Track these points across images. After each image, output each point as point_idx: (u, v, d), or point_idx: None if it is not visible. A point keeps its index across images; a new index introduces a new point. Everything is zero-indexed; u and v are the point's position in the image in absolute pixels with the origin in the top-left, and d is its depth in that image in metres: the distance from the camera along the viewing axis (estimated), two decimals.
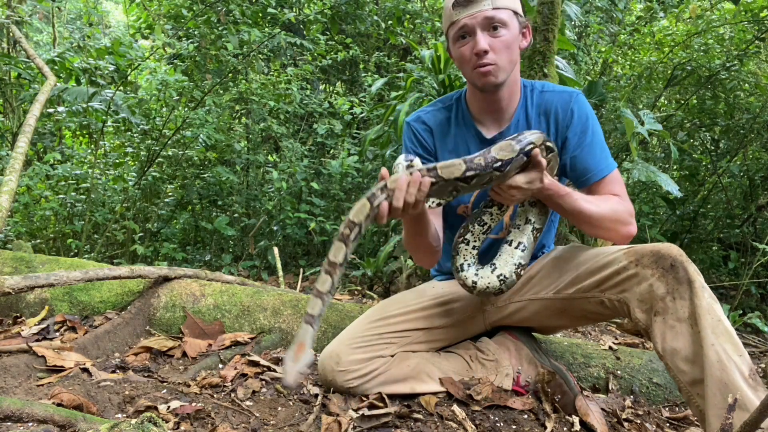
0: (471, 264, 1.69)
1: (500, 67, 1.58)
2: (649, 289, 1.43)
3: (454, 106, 1.82)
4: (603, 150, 1.67)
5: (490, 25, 1.55)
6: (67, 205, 4.29)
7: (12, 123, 4.68)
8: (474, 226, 1.69)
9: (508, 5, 1.58)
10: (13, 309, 2.20)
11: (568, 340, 2.16)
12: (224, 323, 2.10)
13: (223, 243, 4.86)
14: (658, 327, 1.41)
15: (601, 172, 1.65)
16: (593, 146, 1.65)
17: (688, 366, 1.35)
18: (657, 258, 1.43)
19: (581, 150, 1.66)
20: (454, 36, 1.61)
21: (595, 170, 1.65)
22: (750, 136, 4.54)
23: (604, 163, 1.65)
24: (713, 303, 1.36)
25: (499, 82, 1.61)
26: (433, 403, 1.66)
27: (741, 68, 4.36)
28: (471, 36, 1.57)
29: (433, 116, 1.82)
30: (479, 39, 1.55)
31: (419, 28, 5.55)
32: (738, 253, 4.45)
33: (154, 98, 4.66)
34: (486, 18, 1.54)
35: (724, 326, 1.32)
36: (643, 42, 5.04)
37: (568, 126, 1.67)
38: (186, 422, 1.45)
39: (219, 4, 4.45)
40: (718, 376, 1.27)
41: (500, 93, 1.67)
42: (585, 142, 1.66)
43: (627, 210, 1.62)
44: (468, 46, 1.58)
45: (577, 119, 1.66)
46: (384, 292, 3.61)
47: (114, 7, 9.79)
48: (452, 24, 1.60)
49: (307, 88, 5.60)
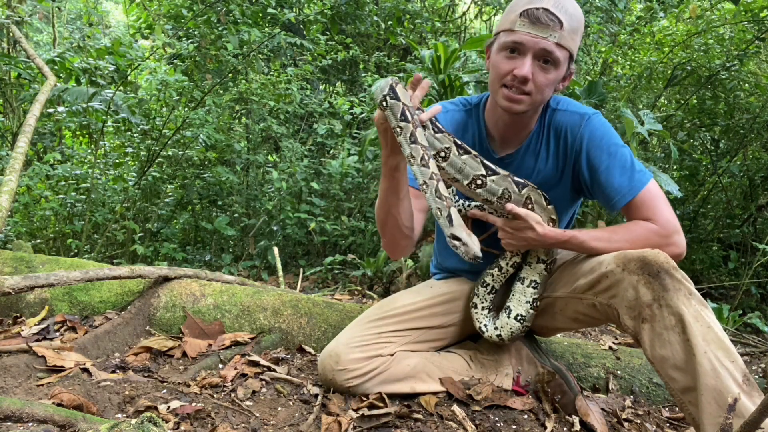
0: (488, 322, 1.76)
1: (530, 101, 1.53)
2: (636, 296, 1.42)
3: (473, 112, 1.76)
4: (625, 171, 1.55)
5: (544, 57, 1.48)
6: (67, 205, 4.28)
7: (12, 123, 4.69)
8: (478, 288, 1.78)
9: (570, 47, 1.51)
10: (13, 309, 2.20)
11: (568, 340, 2.16)
12: (224, 323, 2.10)
13: (223, 243, 4.86)
14: (647, 334, 1.40)
15: (626, 197, 1.54)
16: (611, 170, 1.55)
17: (678, 374, 1.34)
18: (643, 264, 1.42)
19: (599, 175, 1.57)
20: (503, 43, 1.52)
21: (617, 195, 1.55)
22: (750, 136, 4.54)
23: (627, 185, 1.54)
24: (702, 309, 1.35)
25: (519, 112, 1.56)
26: (433, 403, 1.66)
27: (741, 68, 4.36)
28: (520, 56, 1.49)
29: (450, 116, 1.76)
30: (527, 64, 1.48)
31: (419, 28, 5.55)
32: (738, 253, 4.44)
33: (154, 98, 4.66)
34: (543, 49, 1.47)
35: (715, 333, 1.31)
36: (643, 42, 5.04)
37: (579, 152, 1.60)
38: (186, 422, 1.45)
39: (219, 4, 4.45)
40: (713, 384, 1.26)
41: (520, 119, 1.63)
42: (602, 168, 1.56)
43: (658, 235, 1.50)
44: (511, 63, 1.50)
45: (588, 144, 1.58)
46: (384, 292, 3.61)
47: (114, 7, 9.79)
48: (509, 31, 1.50)
49: (307, 88, 5.60)
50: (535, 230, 1.52)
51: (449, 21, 6.21)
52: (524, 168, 1.68)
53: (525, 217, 1.52)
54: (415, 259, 3.56)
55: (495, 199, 1.56)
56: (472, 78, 3.04)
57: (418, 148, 1.41)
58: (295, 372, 1.88)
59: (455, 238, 1.37)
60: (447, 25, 6.01)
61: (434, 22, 5.30)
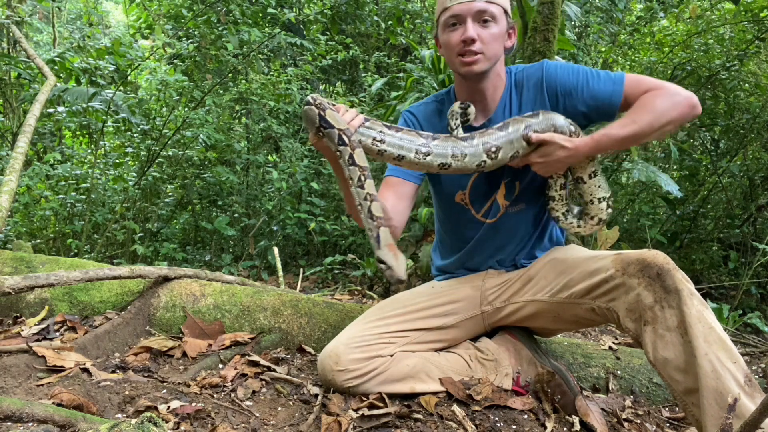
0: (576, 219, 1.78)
1: (485, 57, 1.63)
2: (637, 299, 1.42)
3: (444, 99, 1.86)
4: (599, 78, 1.62)
5: (481, 17, 1.61)
6: (67, 205, 4.29)
7: (12, 123, 4.69)
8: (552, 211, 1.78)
9: (500, 2, 1.63)
10: (13, 309, 2.20)
11: (568, 340, 2.16)
12: (224, 323, 2.10)
13: (223, 243, 4.87)
14: (648, 336, 1.40)
15: (617, 93, 1.59)
16: (588, 83, 1.62)
17: (681, 375, 1.34)
18: (643, 267, 1.42)
19: (580, 93, 1.63)
20: (444, 22, 1.66)
21: (610, 99, 1.60)
22: (750, 136, 4.54)
23: (611, 85, 1.60)
24: (703, 310, 1.34)
25: (480, 71, 1.64)
26: (433, 403, 1.66)
27: (741, 68, 4.36)
28: (461, 24, 1.62)
29: (423, 108, 1.87)
30: (469, 27, 1.60)
31: (419, 28, 5.55)
32: (738, 253, 4.44)
33: (154, 98, 4.67)
34: (478, 10, 1.60)
35: (717, 334, 1.31)
36: (643, 42, 5.04)
37: (551, 90, 1.67)
38: (186, 422, 1.45)
39: (219, 4, 4.45)
40: (714, 385, 1.26)
41: (484, 83, 1.71)
42: (578, 86, 1.63)
43: (668, 93, 1.52)
44: (456, 33, 1.63)
45: (554, 79, 1.67)
46: (384, 292, 3.61)
47: (114, 7, 9.79)
48: (445, 10, 1.64)
49: (307, 88, 5.60)
50: (566, 147, 1.56)
51: None
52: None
53: (550, 140, 1.56)
54: (415, 259, 3.56)
55: (485, 158, 1.57)
56: None
57: (356, 170, 1.48)
58: (295, 372, 1.88)
59: (380, 261, 1.41)
60: None
61: (434, 22, 5.30)
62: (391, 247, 1.42)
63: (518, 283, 1.79)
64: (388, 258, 1.39)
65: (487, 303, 1.85)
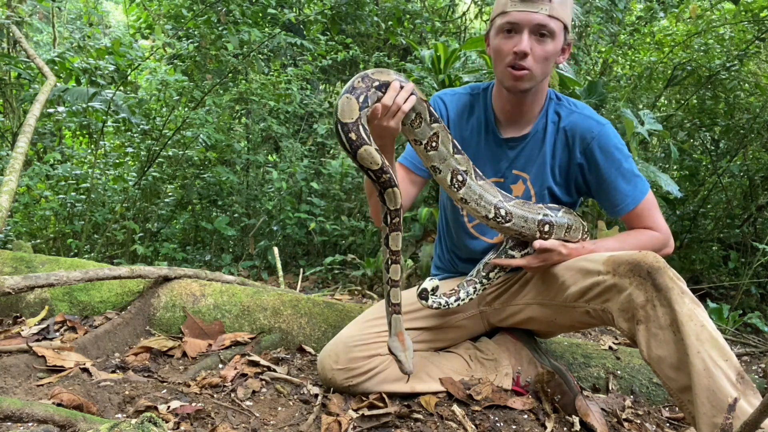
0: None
1: (533, 74, 1.57)
2: (629, 298, 1.42)
3: (480, 96, 1.80)
4: (628, 182, 1.66)
5: (539, 31, 1.54)
6: (67, 205, 4.28)
7: (12, 123, 4.69)
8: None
9: (563, 18, 1.56)
10: (13, 309, 2.20)
11: (568, 340, 2.16)
12: (224, 323, 2.10)
13: (223, 243, 4.86)
14: (642, 335, 1.40)
15: (628, 206, 1.67)
16: (617, 181, 1.66)
17: (675, 373, 1.34)
18: (633, 266, 1.43)
19: (606, 185, 1.67)
20: (499, 26, 1.59)
21: (621, 204, 1.67)
22: (750, 136, 4.53)
23: (631, 196, 1.66)
24: (695, 308, 1.34)
25: (525, 89, 1.60)
26: (433, 403, 1.66)
27: (741, 68, 4.35)
28: (517, 33, 1.55)
29: (456, 99, 1.81)
30: (524, 39, 1.53)
31: (419, 28, 5.55)
32: (738, 253, 4.44)
33: (154, 98, 4.66)
34: (538, 24, 1.53)
35: (708, 331, 1.30)
36: (643, 42, 5.04)
37: (589, 161, 1.68)
38: (186, 422, 1.45)
39: (219, 4, 4.45)
40: (706, 384, 1.26)
41: (525, 98, 1.67)
42: (609, 178, 1.66)
43: (660, 241, 1.67)
44: (510, 42, 1.56)
45: (601, 152, 1.66)
46: None
47: (114, 7, 9.79)
48: (502, 14, 1.57)
49: (307, 88, 5.60)
50: (562, 254, 1.60)
51: (449, 21, 6.20)
52: (526, 154, 1.74)
53: (551, 247, 1.59)
54: (415, 259, 3.56)
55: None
56: (472, 78, 3.04)
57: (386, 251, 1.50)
58: (295, 372, 1.88)
59: (390, 351, 1.47)
60: (447, 25, 6.01)
61: (434, 22, 5.29)
62: (401, 336, 1.48)
63: (516, 285, 1.79)
64: (397, 351, 1.45)
65: (485, 303, 1.85)
